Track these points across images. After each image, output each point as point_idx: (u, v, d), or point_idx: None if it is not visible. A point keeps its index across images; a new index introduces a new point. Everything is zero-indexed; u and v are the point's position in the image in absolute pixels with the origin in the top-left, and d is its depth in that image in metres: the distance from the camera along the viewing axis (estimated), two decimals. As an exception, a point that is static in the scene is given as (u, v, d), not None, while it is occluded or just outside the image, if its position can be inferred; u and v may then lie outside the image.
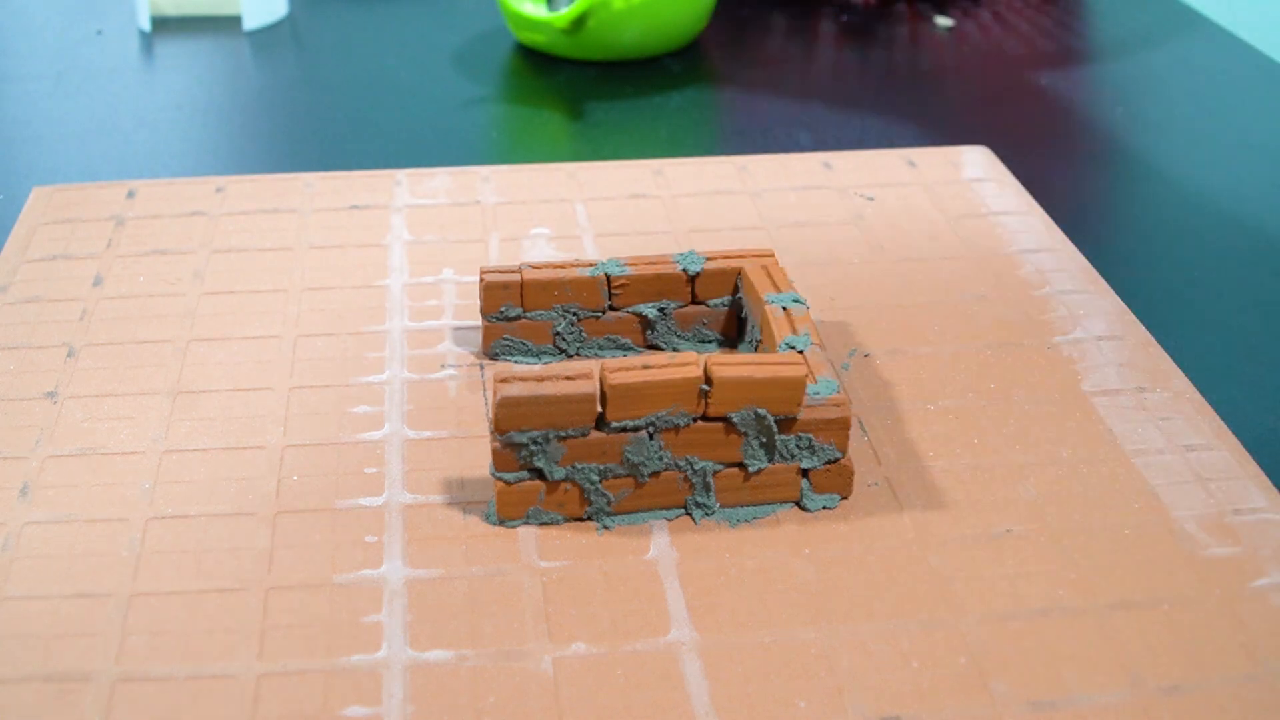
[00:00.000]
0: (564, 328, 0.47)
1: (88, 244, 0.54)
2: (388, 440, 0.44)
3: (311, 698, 0.35)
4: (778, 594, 0.38)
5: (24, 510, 0.40)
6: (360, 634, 0.37)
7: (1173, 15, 0.82)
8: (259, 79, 0.72)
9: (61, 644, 0.36)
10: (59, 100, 0.69)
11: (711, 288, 0.47)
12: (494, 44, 0.76)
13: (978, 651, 0.36)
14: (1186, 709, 0.35)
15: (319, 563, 0.39)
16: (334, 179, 0.59)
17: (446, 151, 0.64)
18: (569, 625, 0.37)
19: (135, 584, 0.38)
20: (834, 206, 0.58)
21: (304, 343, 0.48)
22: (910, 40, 0.78)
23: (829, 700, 0.35)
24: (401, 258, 0.53)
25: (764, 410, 0.39)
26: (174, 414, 0.44)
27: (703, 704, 0.35)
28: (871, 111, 0.69)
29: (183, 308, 0.50)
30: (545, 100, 0.70)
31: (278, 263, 0.53)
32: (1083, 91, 0.72)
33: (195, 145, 0.65)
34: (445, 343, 0.48)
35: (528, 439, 0.39)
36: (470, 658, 0.36)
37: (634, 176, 0.60)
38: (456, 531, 0.40)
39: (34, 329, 0.48)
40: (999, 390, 0.46)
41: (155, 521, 0.40)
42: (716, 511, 0.41)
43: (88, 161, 0.62)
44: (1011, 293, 0.51)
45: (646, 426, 0.39)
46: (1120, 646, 0.36)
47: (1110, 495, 0.42)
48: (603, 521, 0.40)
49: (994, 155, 0.62)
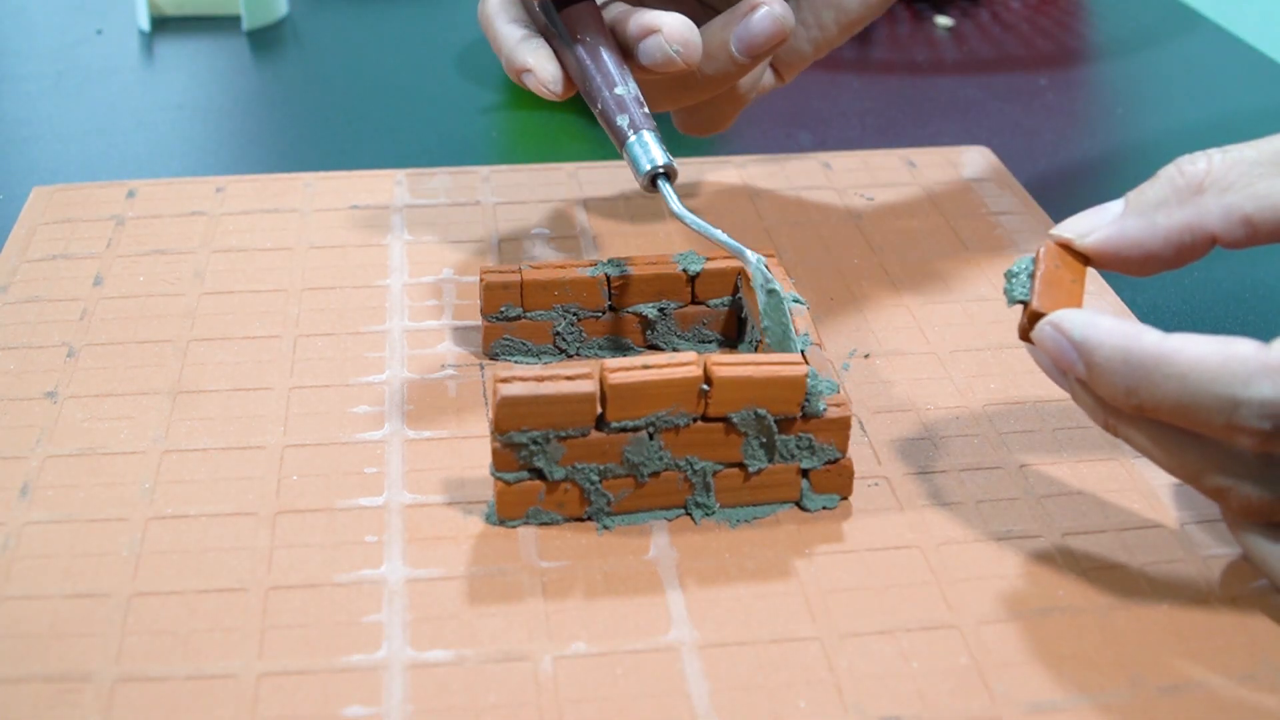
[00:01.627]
0: (564, 328, 0.47)
1: (88, 244, 0.54)
2: (388, 440, 0.44)
3: (311, 698, 0.35)
4: (778, 594, 0.38)
5: (24, 510, 0.40)
6: (360, 634, 0.37)
7: (1173, 15, 0.82)
8: (259, 79, 0.72)
9: (61, 644, 0.36)
10: (59, 100, 0.69)
11: (711, 288, 0.47)
12: (494, 44, 0.76)
13: (978, 651, 0.36)
14: (1186, 709, 0.35)
15: (319, 563, 0.39)
16: (334, 179, 0.59)
17: (446, 151, 0.64)
18: (569, 625, 0.37)
19: (135, 584, 0.38)
20: (834, 206, 0.58)
21: (304, 343, 0.48)
22: (910, 40, 0.78)
23: (829, 700, 0.35)
24: (401, 258, 0.53)
25: (764, 410, 0.39)
26: (174, 414, 0.44)
27: (703, 704, 0.35)
28: (871, 111, 0.69)
29: (183, 308, 0.50)
30: (545, 101, 0.70)
31: (278, 263, 0.53)
32: (1083, 91, 0.72)
33: (195, 145, 0.65)
34: (445, 343, 0.48)
35: (528, 439, 0.39)
36: (470, 658, 0.36)
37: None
38: (456, 531, 0.40)
39: (34, 329, 0.48)
40: (999, 390, 0.46)
41: (155, 521, 0.40)
42: (716, 511, 0.41)
43: (88, 161, 0.62)
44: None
45: (646, 426, 0.39)
46: (1120, 646, 0.36)
47: (1111, 495, 0.42)
48: (603, 521, 0.40)
49: (994, 155, 0.62)
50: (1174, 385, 0.34)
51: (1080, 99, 0.71)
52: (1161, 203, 0.38)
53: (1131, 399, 0.35)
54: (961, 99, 0.71)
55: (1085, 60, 0.77)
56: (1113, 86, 0.73)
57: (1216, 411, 0.34)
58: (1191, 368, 0.34)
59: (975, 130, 0.67)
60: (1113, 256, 0.39)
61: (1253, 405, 0.33)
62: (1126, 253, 0.38)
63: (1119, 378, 0.35)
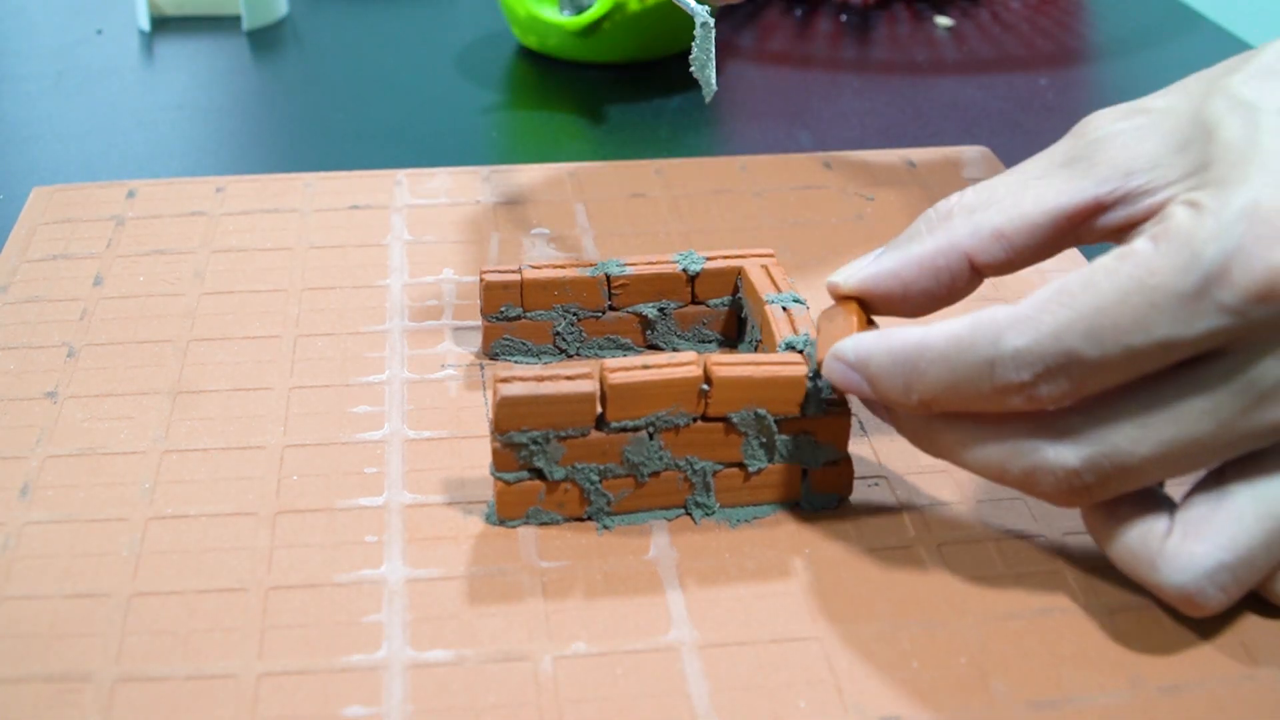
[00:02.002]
0: (564, 328, 0.47)
1: (88, 244, 0.54)
2: (388, 440, 0.44)
3: (311, 698, 0.35)
4: (778, 594, 0.38)
5: (24, 510, 0.40)
6: (360, 634, 0.37)
7: (1173, 15, 0.82)
8: (259, 79, 0.72)
9: (61, 644, 0.36)
10: (59, 100, 0.69)
11: (711, 288, 0.47)
12: (494, 44, 0.76)
13: (978, 651, 0.36)
14: (1186, 709, 0.35)
15: (319, 563, 0.39)
16: (334, 179, 0.59)
17: (446, 151, 0.64)
18: (569, 625, 0.37)
19: (135, 584, 0.38)
20: (834, 206, 0.58)
21: (304, 343, 0.48)
22: (910, 40, 0.78)
23: (829, 700, 0.35)
24: (401, 258, 0.53)
25: (764, 410, 0.39)
26: (174, 414, 0.44)
27: (703, 704, 0.35)
28: (871, 111, 0.69)
29: (183, 308, 0.50)
30: (545, 100, 0.70)
31: (278, 263, 0.53)
32: (1083, 91, 0.72)
33: (195, 145, 0.65)
34: (445, 343, 0.48)
35: (528, 439, 0.39)
36: (470, 658, 0.36)
37: (634, 176, 0.60)
38: (456, 531, 0.40)
39: (34, 329, 0.48)
40: (999, 390, 0.46)
41: (155, 521, 0.40)
42: (716, 511, 0.41)
43: (88, 161, 0.62)
44: (1012, 293, 0.51)
45: (646, 426, 0.39)
46: (1120, 646, 0.36)
47: (1110, 495, 0.42)
48: (603, 521, 0.40)
49: (994, 155, 0.62)
50: (937, 368, 0.35)
51: (1080, 99, 0.71)
52: (915, 235, 0.39)
53: (911, 395, 0.35)
54: (961, 99, 0.71)
55: (1085, 60, 0.77)
56: (1113, 86, 0.73)
57: (980, 379, 0.34)
58: (948, 344, 0.34)
59: (975, 130, 0.67)
60: (874, 293, 0.39)
61: (1007, 360, 0.33)
62: (886, 286, 0.39)
63: (895, 379, 0.35)
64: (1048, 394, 0.34)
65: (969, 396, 0.35)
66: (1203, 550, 0.34)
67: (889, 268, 0.39)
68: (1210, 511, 0.34)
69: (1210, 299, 0.32)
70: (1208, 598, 0.34)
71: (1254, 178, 0.33)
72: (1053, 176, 0.37)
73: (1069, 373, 0.33)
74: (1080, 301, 0.33)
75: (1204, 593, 0.34)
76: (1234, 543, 0.34)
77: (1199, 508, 0.35)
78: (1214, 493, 0.35)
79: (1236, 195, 0.32)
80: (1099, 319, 0.33)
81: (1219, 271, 0.32)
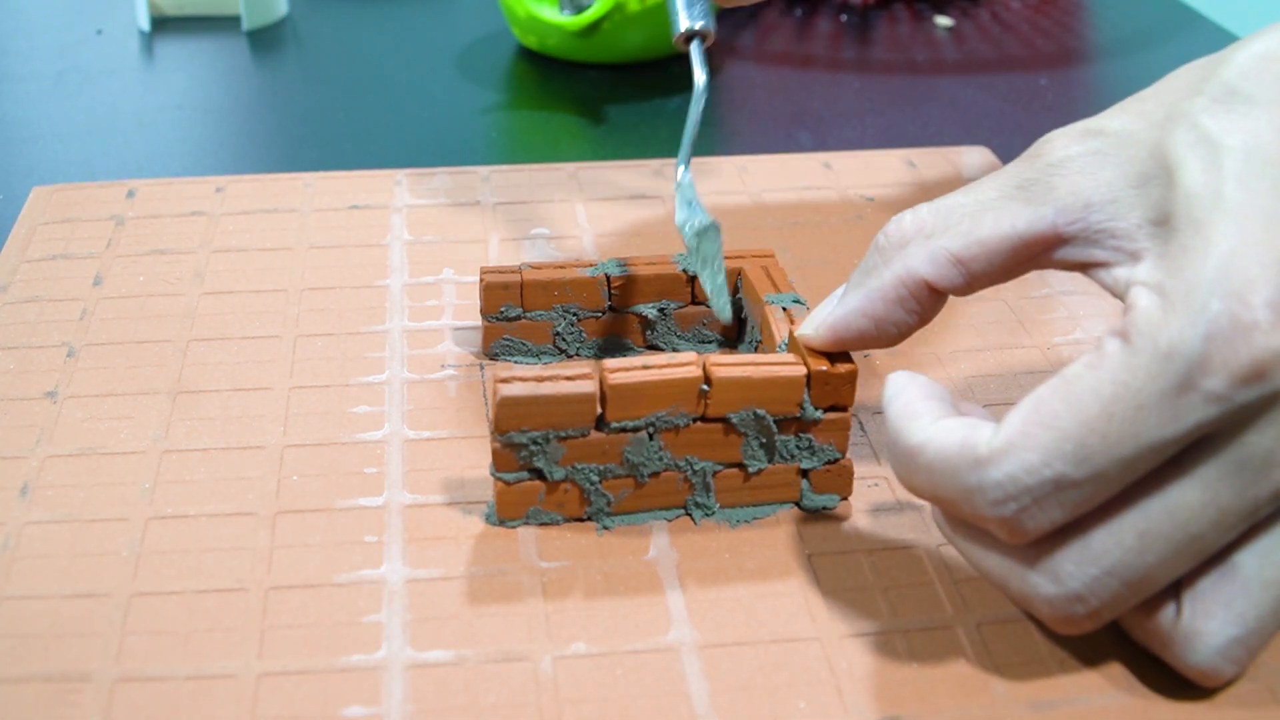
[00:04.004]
0: (564, 328, 0.47)
1: (88, 244, 0.54)
2: (388, 440, 0.44)
3: (311, 698, 0.35)
4: (778, 594, 0.38)
5: (24, 510, 0.40)
6: (360, 634, 0.37)
7: (1173, 15, 0.82)
8: (259, 79, 0.72)
9: (61, 644, 0.36)
10: (59, 100, 0.69)
11: (711, 288, 0.47)
12: (494, 45, 0.76)
13: (978, 651, 0.36)
14: (1186, 709, 0.35)
15: (319, 563, 0.39)
16: (334, 179, 0.59)
17: (446, 151, 0.64)
18: (569, 625, 0.37)
19: (135, 584, 0.38)
20: (834, 206, 0.58)
21: (304, 343, 0.48)
22: (910, 40, 0.78)
23: (829, 700, 0.35)
24: (401, 258, 0.53)
25: (763, 410, 0.39)
26: (174, 414, 0.44)
27: (703, 704, 0.35)
28: (871, 111, 0.69)
29: (183, 308, 0.50)
30: (545, 101, 0.70)
31: (278, 263, 0.53)
32: (1083, 91, 0.72)
33: (195, 145, 0.65)
34: (445, 343, 0.48)
35: (528, 439, 0.39)
36: (470, 658, 0.36)
37: (634, 176, 0.60)
38: (456, 531, 0.40)
39: (34, 329, 0.48)
40: (999, 391, 0.46)
41: (155, 521, 0.40)
42: (716, 512, 0.41)
43: (88, 161, 0.63)
44: (1011, 293, 0.51)
45: (646, 427, 0.39)
46: (1120, 646, 0.36)
47: (1110, 495, 0.42)
48: (603, 522, 0.40)
49: (994, 155, 0.62)
50: (924, 478, 0.33)
51: (1080, 99, 0.71)
52: (873, 268, 0.38)
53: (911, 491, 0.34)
54: (961, 99, 0.71)
55: (1085, 60, 0.77)
56: (1113, 86, 0.73)
57: (963, 504, 0.33)
58: (935, 458, 0.33)
59: (975, 130, 0.67)
60: (847, 338, 0.38)
61: (985, 491, 0.32)
62: (858, 326, 0.38)
63: (897, 467, 0.34)
64: (1034, 526, 0.32)
65: (955, 513, 0.34)
66: (1212, 629, 0.33)
67: (855, 306, 0.38)
68: (1215, 586, 0.33)
69: (1196, 391, 0.30)
70: (1222, 673, 0.34)
71: (1218, 242, 0.31)
72: (1011, 200, 0.36)
73: (1060, 500, 0.31)
74: (1064, 421, 0.31)
75: (1218, 669, 0.34)
76: (1243, 617, 0.33)
77: (1204, 582, 0.33)
78: (1218, 566, 0.33)
79: (1204, 268, 0.31)
80: (1086, 437, 0.31)
81: (1200, 360, 0.30)
